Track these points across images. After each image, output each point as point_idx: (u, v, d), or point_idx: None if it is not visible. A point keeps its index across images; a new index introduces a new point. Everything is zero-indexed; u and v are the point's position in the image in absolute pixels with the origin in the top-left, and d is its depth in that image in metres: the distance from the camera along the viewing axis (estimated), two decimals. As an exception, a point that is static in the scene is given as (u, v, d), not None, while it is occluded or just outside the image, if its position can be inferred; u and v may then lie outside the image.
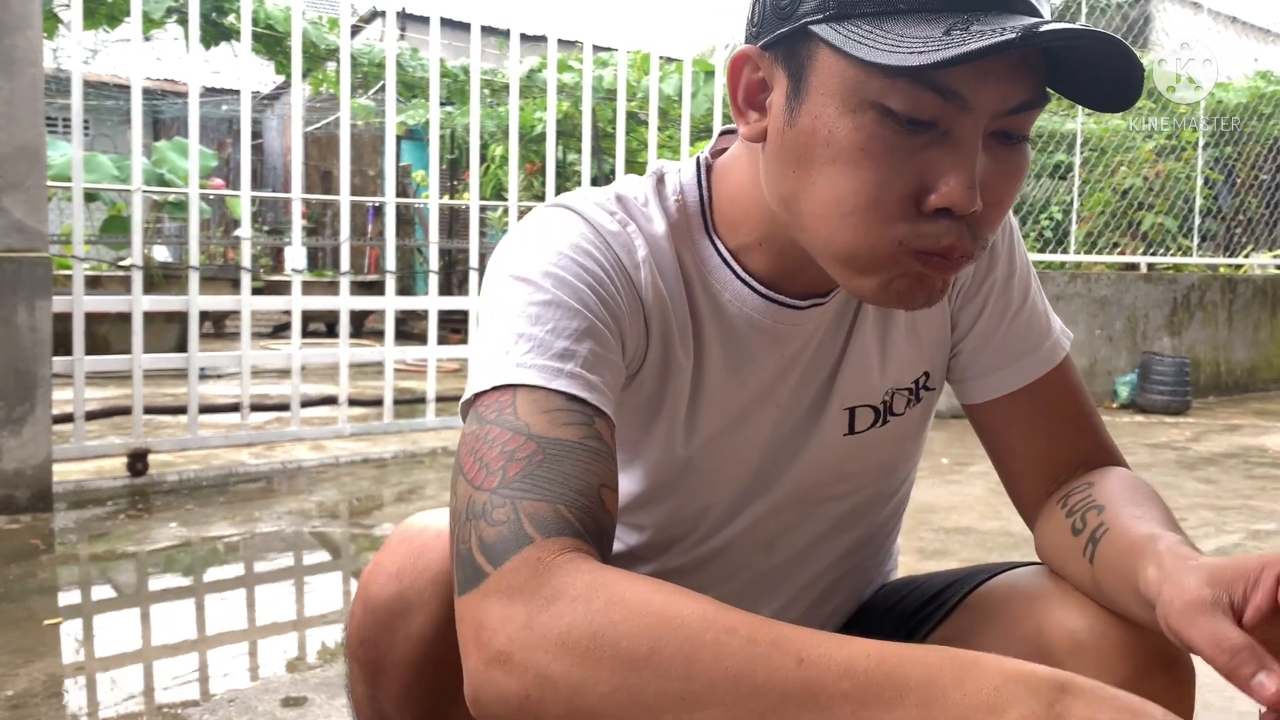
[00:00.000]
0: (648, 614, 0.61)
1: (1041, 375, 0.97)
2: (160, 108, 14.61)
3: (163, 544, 2.93)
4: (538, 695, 0.61)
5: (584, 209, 0.87)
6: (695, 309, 0.89)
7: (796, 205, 0.78)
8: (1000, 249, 0.97)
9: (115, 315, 6.06)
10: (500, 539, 0.66)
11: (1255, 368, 7.03)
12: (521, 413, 0.73)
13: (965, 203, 0.72)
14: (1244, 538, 3.15)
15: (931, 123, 0.71)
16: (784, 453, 0.96)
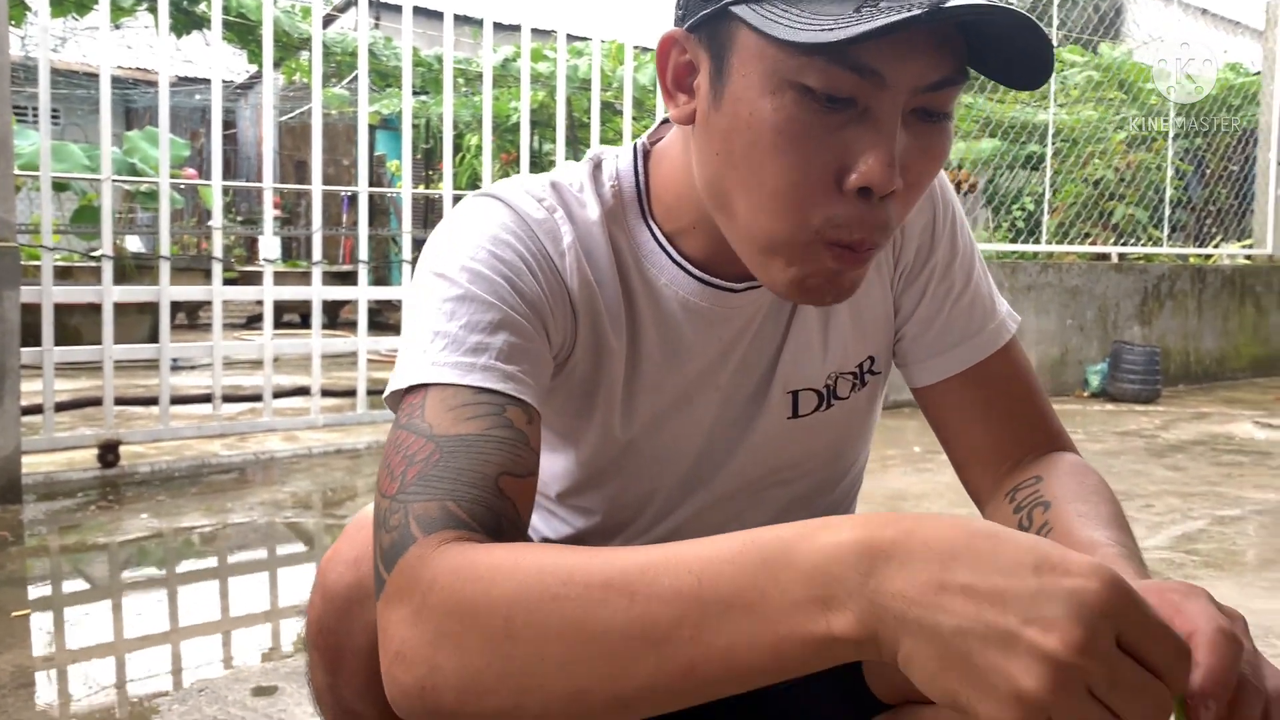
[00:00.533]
0: (498, 582, 0.62)
1: (985, 358, 0.97)
2: (132, 97, 14.47)
3: (134, 535, 2.92)
4: (430, 684, 0.63)
5: (510, 197, 0.87)
6: (630, 293, 0.90)
7: (721, 188, 0.79)
8: (942, 233, 0.98)
9: (86, 306, 6.01)
10: (392, 544, 0.68)
11: (1224, 357, 7.11)
12: (428, 414, 0.74)
13: (884, 181, 0.72)
14: (1209, 523, 3.20)
15: (850, 100, 0.71)
16: (728, 437, 0.97)
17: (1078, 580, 0.49)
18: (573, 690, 0.60)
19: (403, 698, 0.65)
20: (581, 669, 0.59)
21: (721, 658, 0.56)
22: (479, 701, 0.62)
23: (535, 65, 8.00)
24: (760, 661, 0.55)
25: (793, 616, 0.54)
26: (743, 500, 1.00)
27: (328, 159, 13.09)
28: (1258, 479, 3.89)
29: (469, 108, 9.11)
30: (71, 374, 5.45)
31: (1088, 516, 0.84)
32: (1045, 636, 0.48)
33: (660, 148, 0.92)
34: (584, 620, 0.59)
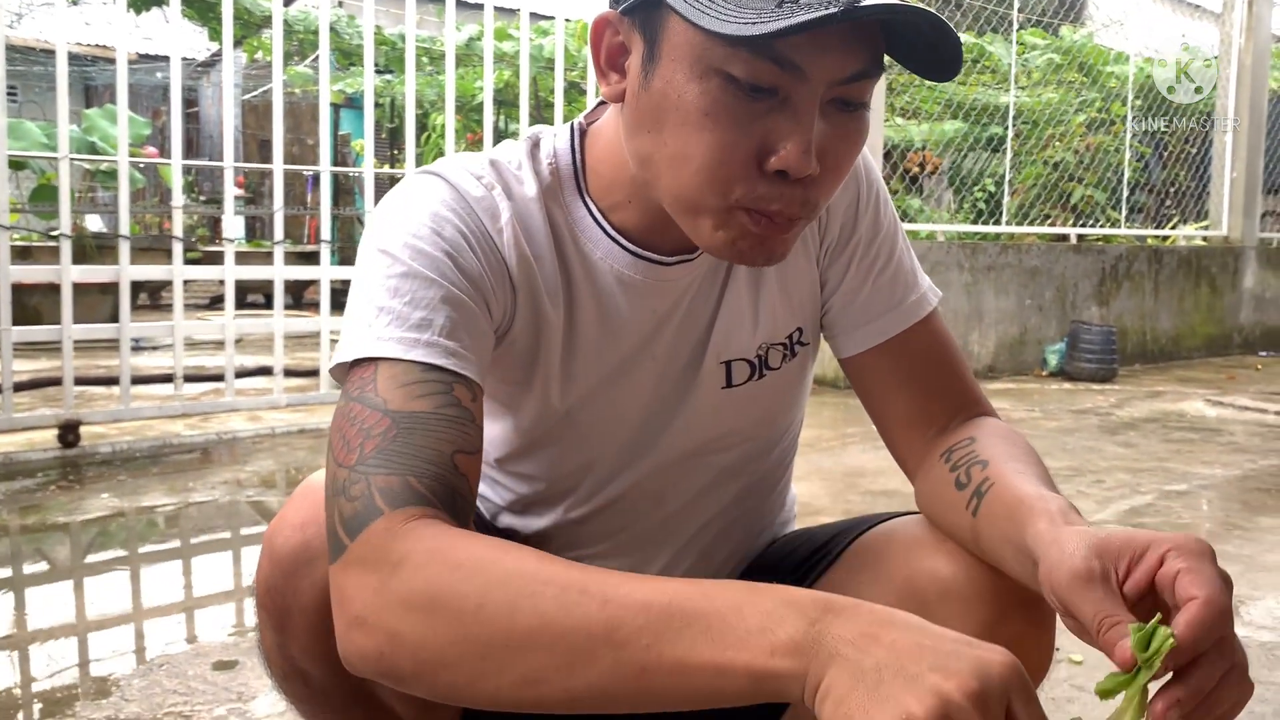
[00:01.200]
0: (478, 573, 0.67)
1: (906, 328, 1.03)
2: (91, 74, 14.27)
3: (95, 514, 2.92)
4: (390, 651, 0.68)
5: (451, 175, 0.91)
6: (567, 267, 0.94)
7: (650, 162, 0.83)
8: (865, 211, 1.03)
9: (46, 287, 5.95)
10: (355, 514, 0.72)
11: (1180, 336, 7.24)
12: (381, 388, 0.79)
13: (800, 166, 0.77)
14: (1156, 498, 3.28)
15: (772, 90, 0.76)
16: (665, 407, 1.01)
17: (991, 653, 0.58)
18: (529, 677, 0.65)
19: (359, 660, 0.70)
20: (542, 658, 0.65)
21: (671, 669, 0.62)
22: (435, 675, 0.68)
23: (499, 44, 7.97)
24: (704, 679, 0.61)
25: (744, 641, 0.61)
26: (680, 469, 1.04)
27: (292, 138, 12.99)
28: (1206, 455, 3.99)
29: (433, 87, 9.07)
30: (31, 355, 5.41)
31: (1025, 474, 0.89)
32: (946, 681, 0.56)
33: (596, 127, 0.96)
34: (555, 614, 0.65)
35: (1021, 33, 8.09)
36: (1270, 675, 1.96)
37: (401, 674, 0.69)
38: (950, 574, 0.90)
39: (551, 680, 0.65)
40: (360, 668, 0.71)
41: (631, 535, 1.06)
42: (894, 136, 7.52)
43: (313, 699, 0.96)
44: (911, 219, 7.06)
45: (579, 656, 0.64)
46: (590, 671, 0.63)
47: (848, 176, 1.00)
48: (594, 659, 0.63)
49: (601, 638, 0.63)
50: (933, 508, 0.98)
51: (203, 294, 9.88)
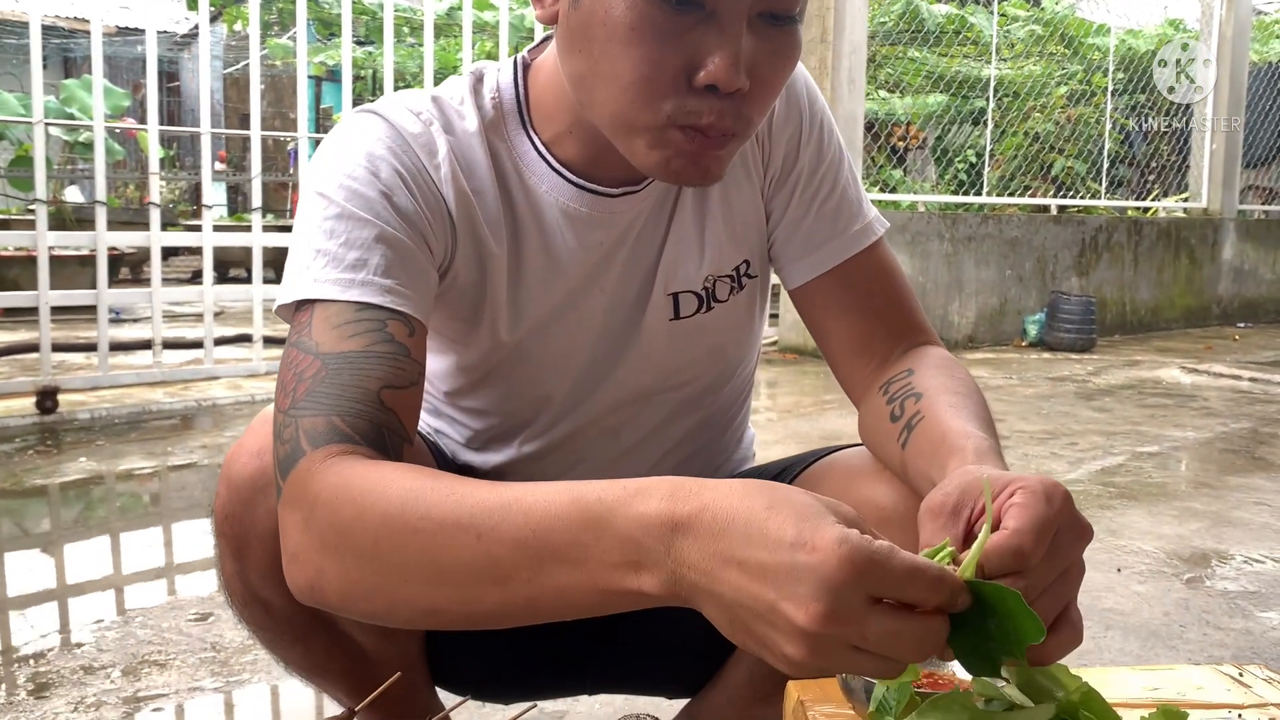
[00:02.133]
0: (371, 510, 0.69)
1: (850, 257, 1.02)
2: (70, 46, 14.13)
3: (72, 477, 2.93)
4: (319, 584, 0.72)
5: (388, 113, 0.91)
6: (510, 200, 0.95)
7: (583, 82, 0.84)
8: (808, 140, 1.03)
9: (25, 259, 5.92)
10: (285, 456, 0.75)
11: (1159, 307, 7.29)
12: (315, 332, 0.80)
13: (729, 79, 0.77)
14: (1128, 459, 3.32)
15: (698, 3, 0.76)
16: (615, 341, 1.02)
17: (821, 557, 0.55)
18: (430, 608, 0.69)
19: (297, 592, 0.74)
20: (436, 593, 0.68)
21: (555, 597, 0.64)
22: (356, 605, 0.72)
23: (479, 14, 7.93)
24: (589, 602, 0.64)
25: (610, 574, 0.62)
26: (635, 404, 1.05)
27: (274, 112, 12.92)
28: (1178, 419, 4.03)
29: (415, 58, 9.02)
30: (10, 326, 5.40)
31: (957, 408, 0.89)
32: (796, 612, 0.55)
33: (539, 61, 0.96)
34: (436, 555, 0.67)
35: (1003, 4, 8.09)
36: (1230, 622, 2.00)
37: (330, 604, 0.73)
38: (888, 502, 0.91)
39: (452, 610, 0.68)
40: (303, 599, 0.75)
41: (588, 470, 1.07)
42: (877, 109, 7.53)
43: (274, 627, 0.97)
44: (893, 189, 7.08)
45: (468, 590, 0.67)
46: (483, 603, 0.66)
47: (792, 108, 1.02)
48: (482, 592, 0.66)
49: (484, 574, 0.66)
50: (870, 439, 0.99)
51: (184, 269, 9.84)
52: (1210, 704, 0.81)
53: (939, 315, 6.05)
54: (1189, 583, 2.21)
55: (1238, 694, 0.83)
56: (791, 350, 5.63)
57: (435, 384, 1.07)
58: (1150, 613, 2.04)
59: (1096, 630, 1.95)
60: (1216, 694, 0.83)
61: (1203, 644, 1.90)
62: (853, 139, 5.58)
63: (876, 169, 7.09)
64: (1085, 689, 0.63)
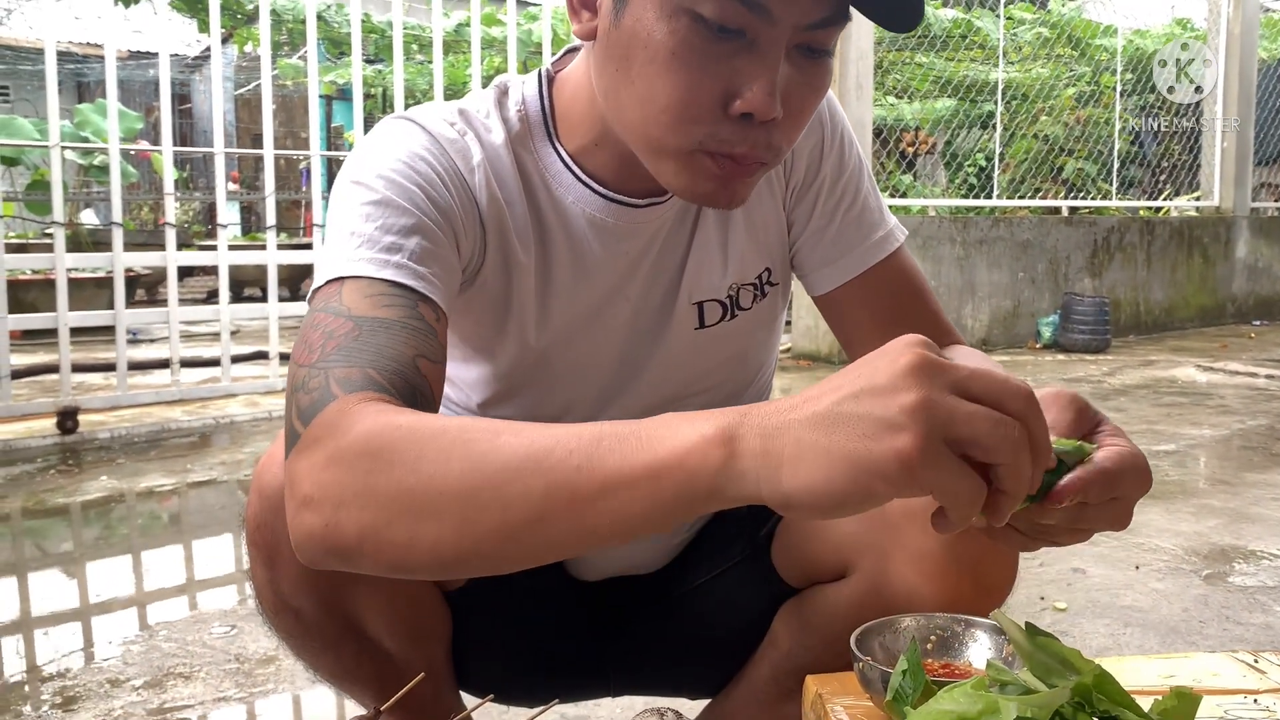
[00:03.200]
0: (417, 430, 0.67)
1: (873, 264, 1.05)
2: (83, 71, 14.26)
3: (94, 495, 2.96)
4: (335, 521, 0.68)
5: (424, 120, 0.93)
6: (538, 211, 0.96)
7: (617, 100, 0.85)
8: (830, 151, 1.05)
9: (43, 282, 5.98)
10: (312, 403, 0.72)
11: (1173, 307, 7.27)
12: (346, 299, 0.80)
13: (766, 109, 0.78)
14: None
15: (740, 31, 0.77)
16: (640, 349, 1.03)
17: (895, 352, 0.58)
18: (465, 517, 0.64)
19: (306, 539, 0.69)
20: (477, 495, 0.64)
21: (603, 483, 0.61)
22: (379, 534, 0.67)
23: (488, 30, 7.98)
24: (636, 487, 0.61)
25: (673, 440, 0.60)
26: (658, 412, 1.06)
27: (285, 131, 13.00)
28: (1194, 417, 4.02)
29: (424, 75, 9.07)
30: (29, 349, 5.44)
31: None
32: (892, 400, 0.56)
33: (564, 74, 0.98)
34: (486, 453, 0.65)
35: (1010, 7, 8.10)
36: (1250, 617, 2.00)
37: (346, 543, 0.68)
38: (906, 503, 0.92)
39: (487, 517, 0.64)
40: (308, 549, 0.70)
41: None
42: (885, 115, 7.54)
43: (304, 634, 0.99)
44: (904, 194, 7.08)
45: (510, 487, 0.63)
46: (525, 501, 0.63)
47: (814, 120, 1.03)
48: (526, 486, 0.63)
49: (531, 466, 0.63)
50: None
51: (200, 289, 9.90)
52: (1226, 689, 0.82)
53: (953, 319, 5.98)
54: (1208, 579, 2.20)
55: (1253, 679, 0.84)
56: (805, 356, 5.63)
57: (467, 393, 1.08)
58: (1169, 609, 2.03)
59: (1115, 627, 1.95)
60: (1232, 680, 0.84)
61: (1222, 639, 1.89)
62: (862, 145, 5.58)
63: (886, 174, 7.10)
64: (1099, 671, 0.64)
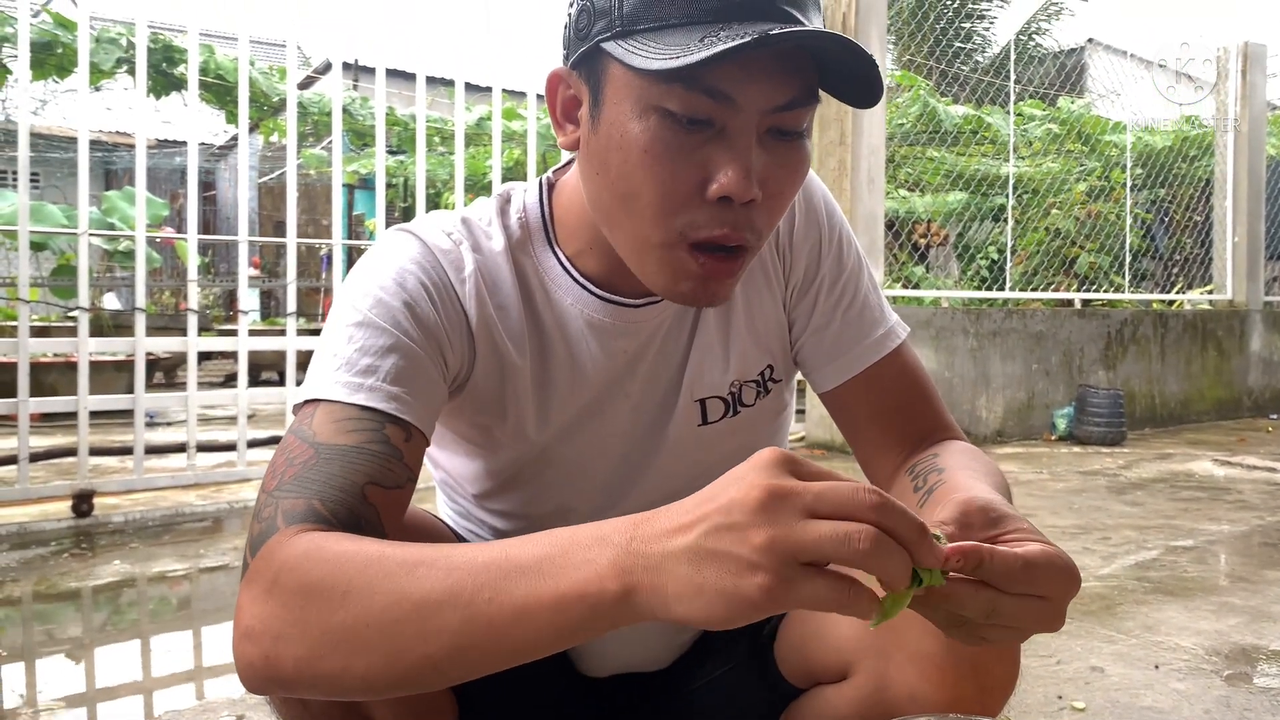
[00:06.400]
0: (344, 564, 0.71)
1: (876, 361, 1.07)
2: (112, 159, 14.60)
3: (105, 580, 2.95)
4: (274, 654, 0.71)
5: (421, 232, 0.98)
6: (535, 314, 1.00)
7: (602, 202, 0.89)
8: (828, 251, 1.09)
9: (63, 364, 6.05)
10: (259, 534, 0.77)
11: (1188, 399, 7.24)
12: (315, 424, 0.84)
13: (741, 190, 0.82)
14: (1162, 553, 3.28)
15: (708, 121, 0.82)
16: (643, 446, 1.05)
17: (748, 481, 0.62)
18: (392, 651, 0.68)
19: (248, 669, 0.73)
20: (400, 629, 0.68)
21: (515, 615, 0.66)
22: (313, 666, 0.70)
23: (508, 124, 8.16)
24: (546, 617, 0.65)
25: (572, 575, 0.65)
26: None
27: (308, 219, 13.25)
28: (1212, 512, 3.98)
29: (445, 166, 9.25)
30: (47, 431, 5.48)
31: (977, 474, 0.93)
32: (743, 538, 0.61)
33: (564, 180, 1.03)
34: (406, 588, 0.69)
35: (1020, 104, 8.24)
36: (1275, 719, 1.96)
37: (284, 675, 0.72)
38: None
39: (412, 650, 0.68)
40: (249, 678, 0.74)
41: None
42: (897, 208, 7.63)
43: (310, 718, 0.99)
44: (916, 285, 7.13)
45: (431, 622, 0.67)
46: (444, 634, 0.67)
47: (811, 221, 1.08)
48: (445, 621, 0.67)
49: (448, 601, 0.67)
50: None
51: (218, 373, 9.98)
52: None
53: (966, 410, 6.04)
54: (1229, 679, 2.16)
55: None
56: (819, 446, 5.62)
57: (464, 487, 1.09)
58: (1190, 711, 2.00)
59: (1136, 729, 1.91)
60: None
61: (1246, 742, 1.85)
62: (874, 237, 5.65)
63: (899, 266, 7.16)
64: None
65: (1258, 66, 7.63)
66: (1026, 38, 13.64)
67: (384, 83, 4.51)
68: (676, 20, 0.80)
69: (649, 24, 0.81)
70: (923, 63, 8.80)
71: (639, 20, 0.81)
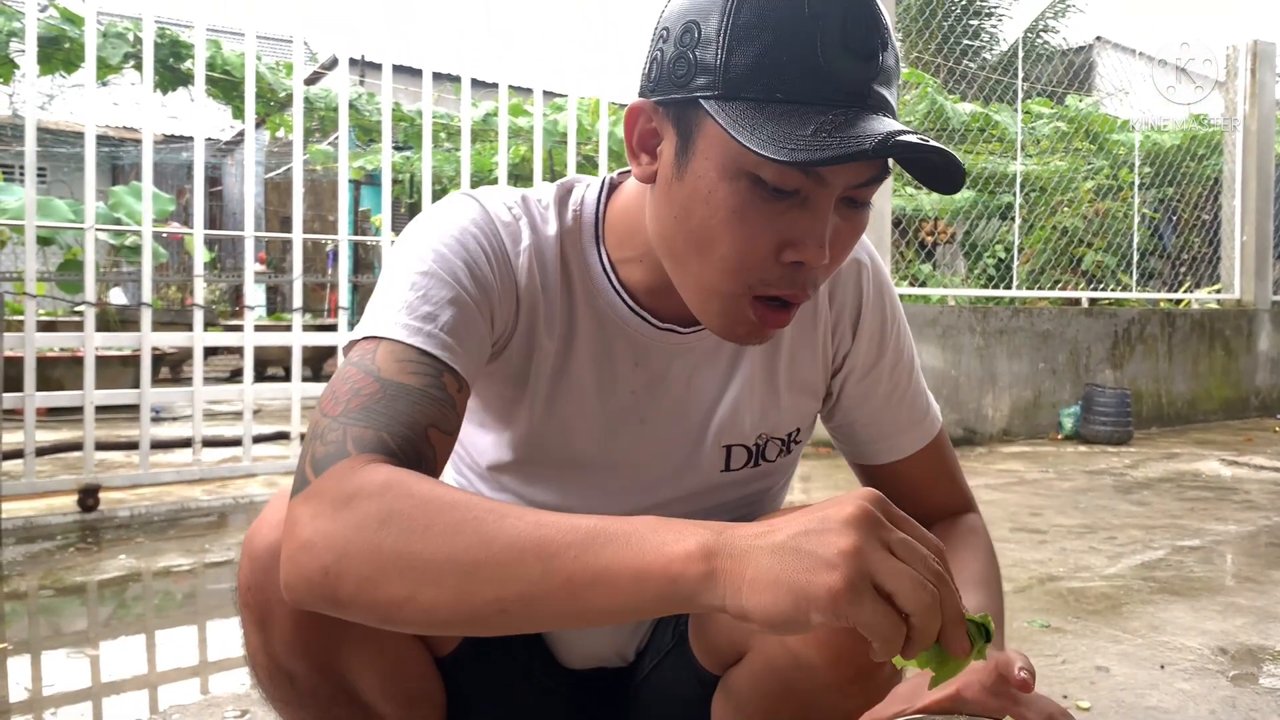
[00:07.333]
0: (430, 501, 0.73)
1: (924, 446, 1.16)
2: (119, 154, 14.62)
3: (111, 575, 2.96)
4: (335, 570, 0.73)
5: (485, 199, 1.01)
6: (572, 304, 1.03)
7: (672, 244, 0.91)
8: (889, 338, 1.14)
9: (69, 359, 6.06)
10: (326, 455, 0.79)
11: (1195, 399, 7.22)
12: (379, 359, 0.86)
13: (817, 259, 0.86)
14: (1169, 553, 3.27)
15: (795, 191, 0.85)
16: (666, 481, 1.09)
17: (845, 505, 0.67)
18: (465, 589, 0.70)
19: (301, 582, 0.74)
20: (478, 570, 0.70)
21: (595, 576, 0.68)
22: (377, 589, 0.72)
23: (514, 120, 8.16)
24: (624, 585, 0.67)
25: (659, 550, 0.67)
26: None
27: (314, 215, 13.27)
28: (1219, 512, 3.97)
29: (451, 162, 9.25)
30: (53, 425, 5.49)
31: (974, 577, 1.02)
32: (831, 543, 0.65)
33: (624, 185, 1.05)
34: (494, 532, 0.70)
35: (1028, 102, 8.22)
36: (1280, 721, 1.95)
37: (341, 593, 0.73)
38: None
39: (485, 591, 0.70)
40: (300, 590, 0.75)
41: None
42: (905, 206, 7.62)
43: (298, 700, 0.99)
44: (923, 283, 7.12)
45: (511, 568, 0.69)
46: (521, 581, 0.69)
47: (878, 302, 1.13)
48: (525, 569, 0.69)
49: (533, 550, 0.69)
50: None
51: (223, 368, 10.00)
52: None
53: (972, 409, 6.03)
54: (1235, 680, 2.16)
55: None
56: (825, 444, 5.62)
57: (476, 456, 1.12)
58: (1196, 711, 1.99)
59: (1141, 729, 1.91)
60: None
61: (1252, 743, 1.85)
62: (881, 235, 5.64)
63: (906, 264, 7.15)
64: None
65: (1267, 65, 7.60)
66: (1034, 35, 13.61)
67: (390, 78, 4.51)
68: (781, 96, 0.81)
69: (752, 94, 0.81)
70: (930, 60, 8.78)
71: (743, 88, 0.82)
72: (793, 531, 0.66)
